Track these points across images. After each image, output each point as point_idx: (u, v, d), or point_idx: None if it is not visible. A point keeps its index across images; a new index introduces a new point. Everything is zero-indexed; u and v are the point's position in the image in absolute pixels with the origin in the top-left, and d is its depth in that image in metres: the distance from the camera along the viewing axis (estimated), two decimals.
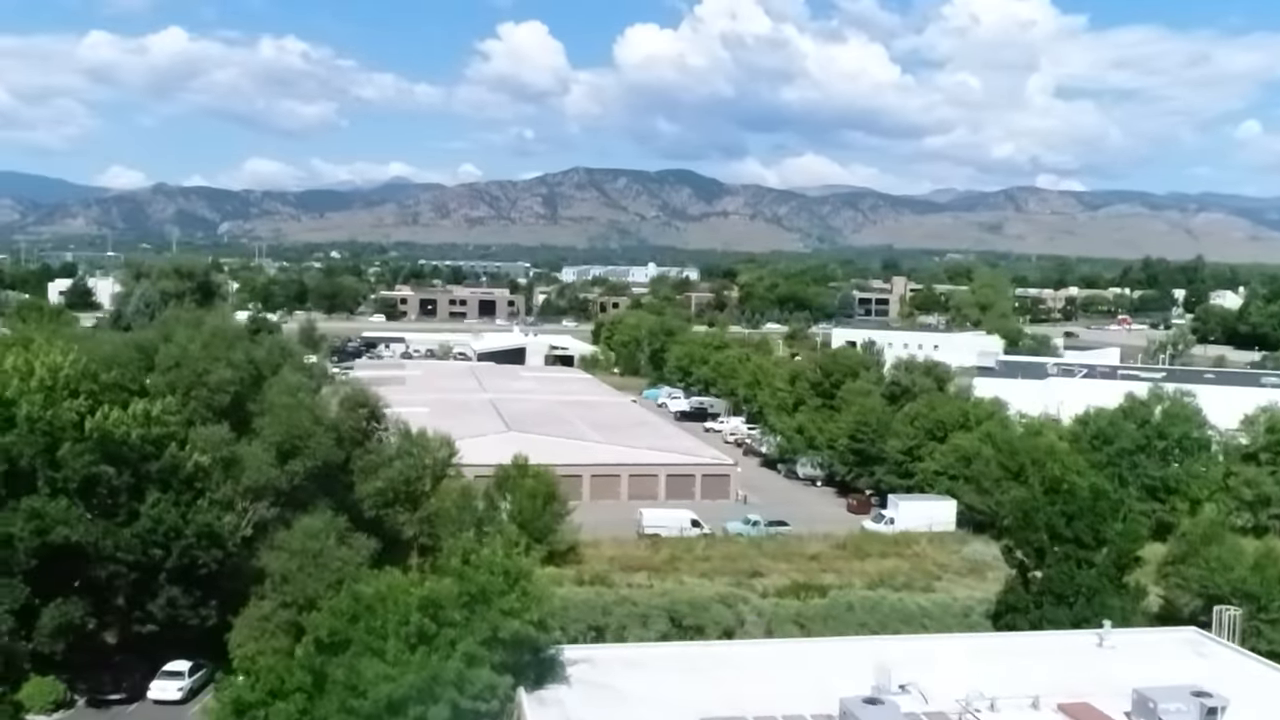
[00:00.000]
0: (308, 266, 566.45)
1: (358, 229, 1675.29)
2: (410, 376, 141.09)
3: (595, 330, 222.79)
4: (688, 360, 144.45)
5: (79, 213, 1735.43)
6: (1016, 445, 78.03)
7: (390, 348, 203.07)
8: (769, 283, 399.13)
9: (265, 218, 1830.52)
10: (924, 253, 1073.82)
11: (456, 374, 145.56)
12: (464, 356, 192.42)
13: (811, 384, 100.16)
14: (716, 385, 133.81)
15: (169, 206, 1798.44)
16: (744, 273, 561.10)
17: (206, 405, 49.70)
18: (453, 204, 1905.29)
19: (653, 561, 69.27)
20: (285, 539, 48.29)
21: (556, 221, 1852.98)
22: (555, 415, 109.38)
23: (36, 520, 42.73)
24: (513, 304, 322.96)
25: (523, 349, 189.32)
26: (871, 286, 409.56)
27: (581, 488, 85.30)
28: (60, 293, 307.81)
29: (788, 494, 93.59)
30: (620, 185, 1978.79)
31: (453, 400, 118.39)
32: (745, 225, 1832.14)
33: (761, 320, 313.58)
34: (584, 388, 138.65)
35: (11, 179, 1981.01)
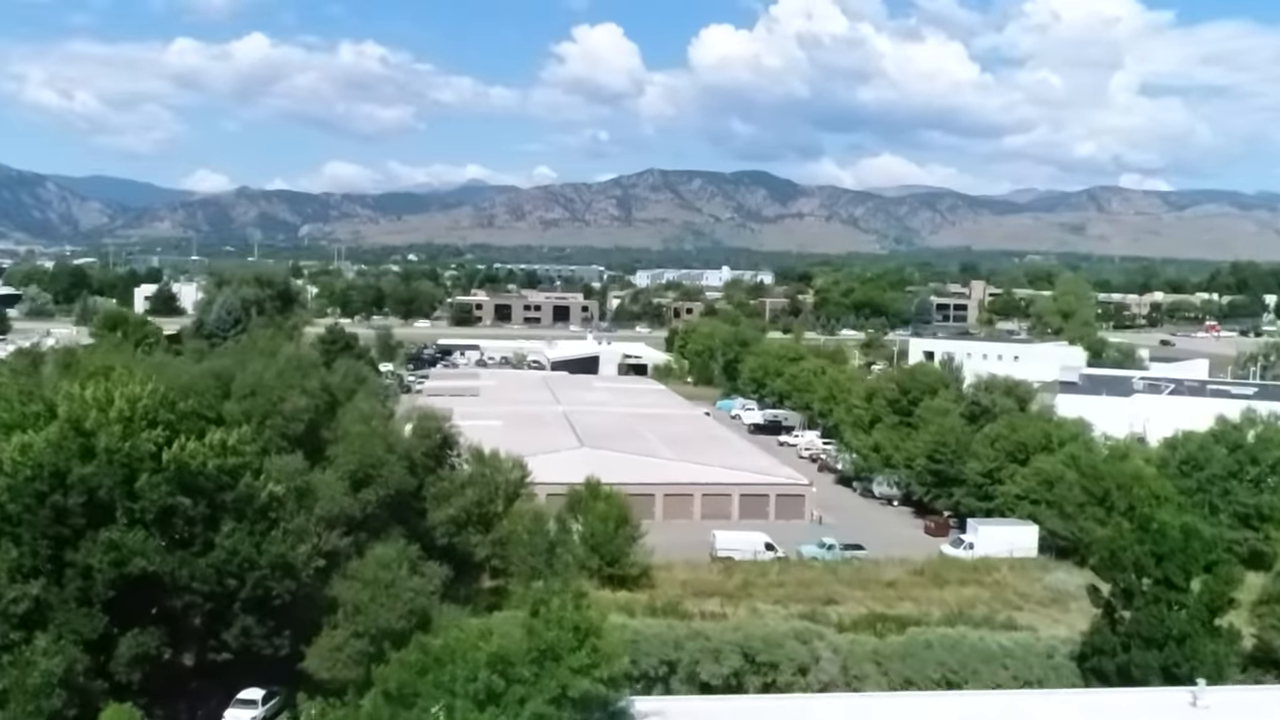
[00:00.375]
0: (385, 270, 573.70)
1: (434, 231, 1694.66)
2: (484, 387, 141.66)
3: (669, 338, 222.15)
4: (762, 372, 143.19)
5: (165, 216, 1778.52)
6: (1101, 470, 75.77)
7: (465, 355, 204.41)
8: (844, 287, 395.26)
9: (344, 220, 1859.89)
10: (1003, 254, 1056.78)
11: (530, 385, 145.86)
12: (538, 365, 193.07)
13: (888, 401, 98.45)
14: (791, 398, 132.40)
15: (251, 209, 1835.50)
16: (819, 276, 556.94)
17: (281, 434, 49.94)
18: (528, 206, 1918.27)
19: (726, 587, 68.44)
20: (358, 569, 48.31)
21: (631, 223, 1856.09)
22: (628, 429, 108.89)
23: (115, 552, 43.15)
24: (586, 309, 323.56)
25: (596, 358, 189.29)
26: (949, 291, 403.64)
27: (654, 507, 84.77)
28: (146, 298, 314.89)
29: (863, 514, 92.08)
30: (695, 187, 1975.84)
31: (526, 413, 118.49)
32: (821, 227, 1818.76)
33: (837, 326, 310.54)
34: (657, 399, 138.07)
35: (102, 183, 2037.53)
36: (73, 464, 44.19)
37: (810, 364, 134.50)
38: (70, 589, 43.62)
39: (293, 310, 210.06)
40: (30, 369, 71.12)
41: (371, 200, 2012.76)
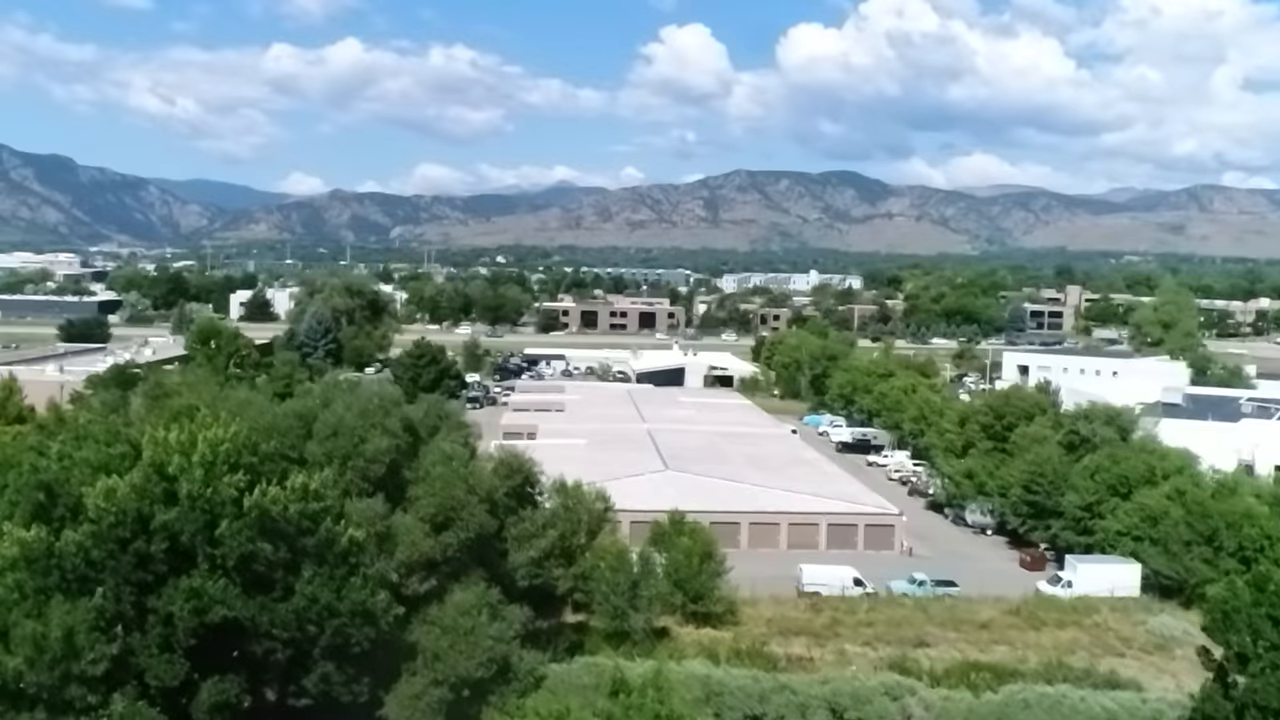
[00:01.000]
0: (474, 274, 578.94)
1: (523, 232, 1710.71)
2: (569, 401, 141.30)
3: (755, 348, 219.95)
4: (850, 388, 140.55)
5: (261, 218, 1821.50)
6: (1208, 507, 72.33)
7: (551, 365, 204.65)
8: (935, 293, 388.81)
9: (435, 222, 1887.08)
10: (1100, 255, 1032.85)
11: (615, 399, 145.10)
12: (623, 376, 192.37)
13: (982, 426, 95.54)
14: (881, 416, 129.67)
15: (344, 212, 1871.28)
16: (909, 280, 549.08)
17: (362, 475, 49.48)
18: (615, 207, 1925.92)
19: (813, 625, 66.68)
20: (437, 614, 47.67)
21: (718, 224, 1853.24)
22: (713, 450, 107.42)
23: (196, 600, 42.96)
24: (672, 316, 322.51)
25: (682, 369, 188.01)
26: (1043, 297, 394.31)
27: (739, 535, 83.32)
28: (241, 304, 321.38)
29: (955, 545, 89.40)
30: (782, 187, 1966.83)
31: (611, 430, 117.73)
32: (910, 227, 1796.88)
33: (927, 335, 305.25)
34: (743, 416, 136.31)
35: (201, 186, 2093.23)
36: (156, 509, 44.19)
37: (900, 381, 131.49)
38: (152, 635, 43.58)
39: (382, 319, 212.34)
40: (120, 400, 72.02)
41: (461, 202, 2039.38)
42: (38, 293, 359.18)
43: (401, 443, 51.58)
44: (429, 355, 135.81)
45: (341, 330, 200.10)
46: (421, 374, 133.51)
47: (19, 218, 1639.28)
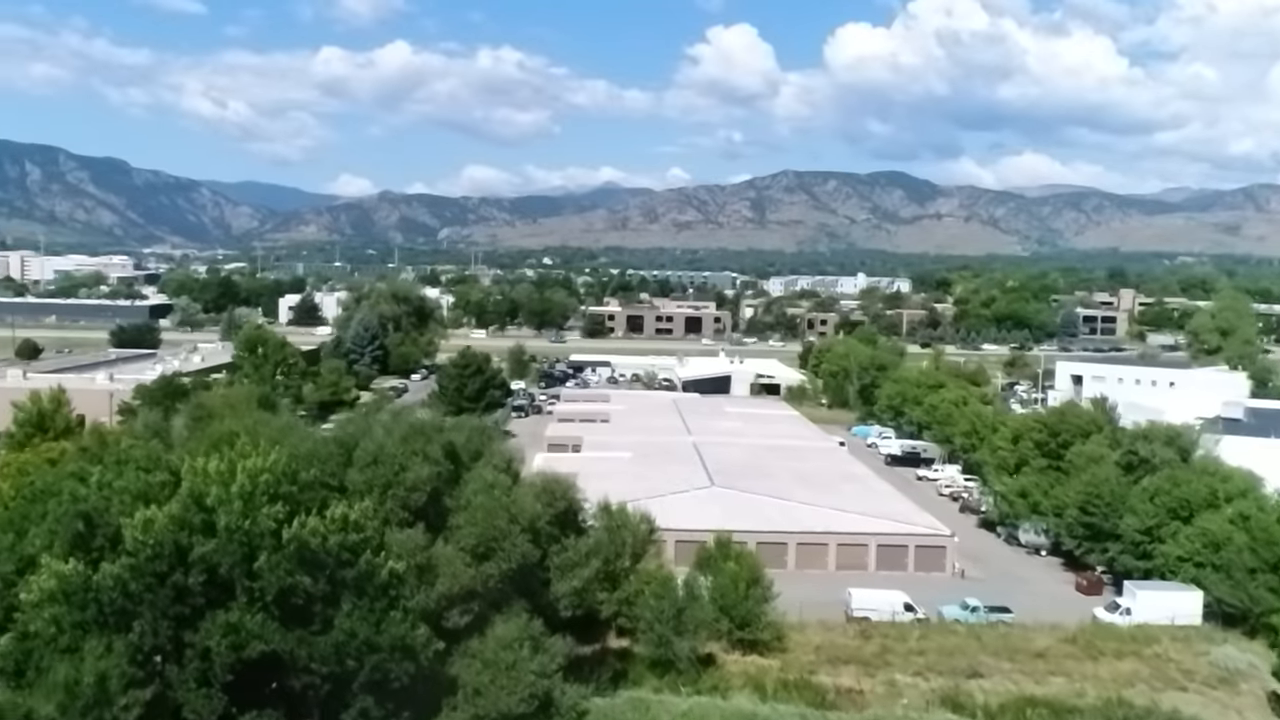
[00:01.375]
0: (520, 277, 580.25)
1: (569, 234, 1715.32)
2: (614, 411, 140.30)
3: (803, 355, 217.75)
4: (900, 399, 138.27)
5: (311, 220, 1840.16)
6: (1274, 533, 69.83)
7: (596, 372, 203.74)
8: (984, 297, 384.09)
9: (482, 224, 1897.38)
10: (1153, 256, 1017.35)
11: (660, 408, 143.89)
12: (668, 383, 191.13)
13: (1036, 444, 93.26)
14: (931, 429, 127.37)
15: (393, 213, 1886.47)
16: (958, 282, 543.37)
17: (403, 504, 48.65)
18: (661, 208, 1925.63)
19: (862, 654, 65.08)
20: (478, 648, 46.76)
21: (764, 225, 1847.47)
22: (760, 465, 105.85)
23: (234, 635, 42.31)
24: (719, 320, 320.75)
25: (728, 377, 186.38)
26: (1096, 301, 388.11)
27: (786, 556, 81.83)
28: (290, 308, 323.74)
29: (1008, 567, 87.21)
30: (830, 188, 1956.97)
31: (655, 443, 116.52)
32: (960, 228, 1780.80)
33: (977, 340, 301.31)
34: (790, 428, 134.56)
35: (252, 188, 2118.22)
36: (194, 541, 43.61)
37: (951, 393, 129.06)
38: (190, 670, 42.96)
39: (428, 326, 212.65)
40: (162, 420, 71.87)
41: (508, 203, 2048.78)
42: (91, 296, 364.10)
43: (443, 470, 50.71)
44: (474, 365, 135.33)
45: (388, 337, 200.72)
46: (466, 384, 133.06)
47: (75, 219, 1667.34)
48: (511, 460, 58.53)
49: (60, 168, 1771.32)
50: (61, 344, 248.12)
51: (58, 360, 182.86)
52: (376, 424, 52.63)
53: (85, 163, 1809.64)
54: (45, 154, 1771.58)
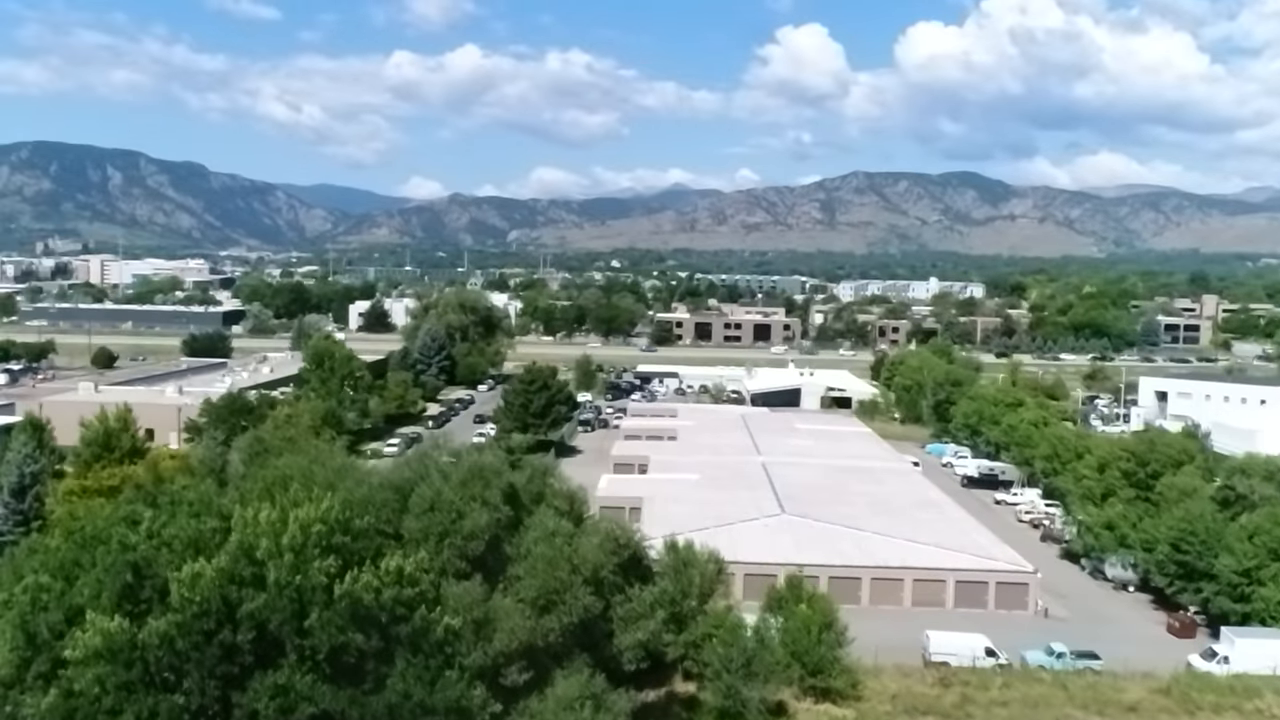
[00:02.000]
0: (587, 281, 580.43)
1: (637, 236, 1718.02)
2: (682, 428, 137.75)
3: (874, 367, 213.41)
4: (977, 418, 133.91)
5: (383, 222, 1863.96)
6: None
7: (664, 384, 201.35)
8: (1061, 303, 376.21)
9: (551, 226, 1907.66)
10: (1235, 258, 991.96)
11: (728, 425, 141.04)
12: (737, 396, 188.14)
13: (1124, 473, 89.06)
14: (1010, 451, 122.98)
15: (463, 216, 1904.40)
16: (1033, 287, 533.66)
17: (460, 554, 46.55)
18: (730, 210, 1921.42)
19: (942, 704, 61.81)
20: (537, 708, 44.49)
21: (834, 227, 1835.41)
22: (832, 489, 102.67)
23: (282, 696, 40.53)
24: (788, 328, 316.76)
25: (798, 390, 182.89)
26: (1177, 309, 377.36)
27: (860, 591, 78.71)
28: (360, 314, 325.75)
29: (1095, 605, 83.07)
30: (900, 189, 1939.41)
31: (724, 464, 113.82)
32: (1033, 229, 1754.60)
33: (1054, 349, 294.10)
34: (863, 447, 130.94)
35: (326, 191, 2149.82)
36: (244, 595, 41.93)
37: (1031, 413, 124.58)
38: None
39: (495, 336, 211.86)
40: (223, 446, 70.77)
41: (577, 206, 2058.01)
42: (166, 302, 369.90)
43: (502, 516, 48.52)
44: (540, 380, 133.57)
45: (455, 347, 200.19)
46: (532, 400, 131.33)
47: (155, 223, 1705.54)
48: (575, 499, 56.23)
49: (141, 172, 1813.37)
50: (136, 351, 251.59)
51: (130, 370, 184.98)
52: (433, 466, 50.57)
53: (165, 167, 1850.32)
54: (127, 158, 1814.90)
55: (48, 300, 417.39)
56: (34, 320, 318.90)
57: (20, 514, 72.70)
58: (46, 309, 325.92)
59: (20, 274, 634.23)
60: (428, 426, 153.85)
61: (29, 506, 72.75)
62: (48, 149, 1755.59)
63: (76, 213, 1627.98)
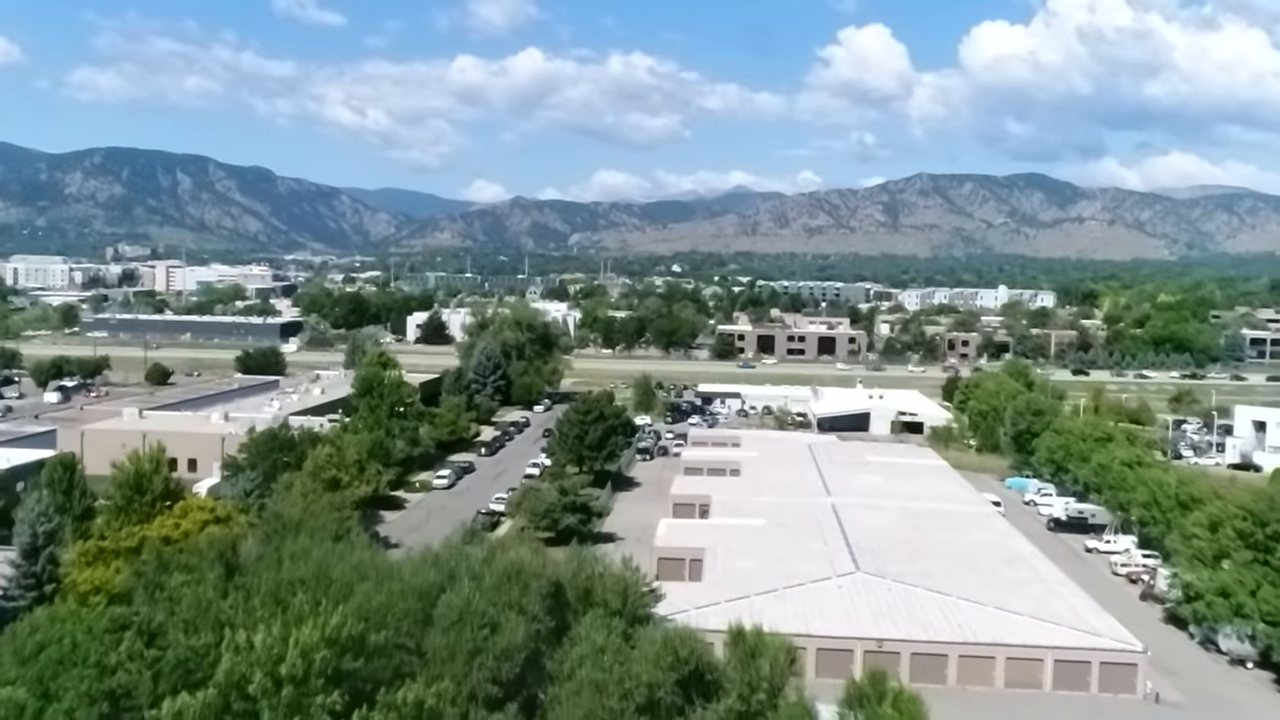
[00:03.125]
0: (648, 289, 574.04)
1: (699, 239, 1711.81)
2: (746, 461, 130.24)
3: (946, 388, 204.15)
4: (1062, 453, 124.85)
5: (446, 226, 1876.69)
6: None
7: (726, 405, 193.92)
8: (1137, 314, 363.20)
9: (612, 229, 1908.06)
10: None
11: (795, 457, 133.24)
12: (802, 419, 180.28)
13: (1238, 532, 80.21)
14: (1101, 493, 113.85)
15: (525, 219, 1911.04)
16: (1106, 295, 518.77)
17: (492, 677, 39.86)
18: (792, 213, 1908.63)
19: None
20: None
21: (898, 230, 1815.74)
22: (910, 541, 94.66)
23: None
24: (853, 341, 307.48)
25: (866, 414, 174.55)
26: (1261, 320, 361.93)
27: (946, 669, 70.80)
28: (418, 326, 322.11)
29: (1210, 684, 74.23)
30: (966, 191, 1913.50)
31: (791, 506, 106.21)
32: (1103, 231, 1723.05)
33: (1133, 364, 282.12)
34: (939, 483, 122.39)
35: (390, 195, 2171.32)
36: None
37: (1123, 452, 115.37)
38: None
39: (552, 353, 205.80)
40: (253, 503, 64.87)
41: (638, 209, 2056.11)
42: (226, 312, 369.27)
43: (543, 627, 41.72)
44: (595, 411, 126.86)
45: (510, 365, 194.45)
46: (588, 431, 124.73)
47: (223, 227, 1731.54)
48: (630, 592, 49.22)
49: (210, 177, 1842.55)
50: (192, 365, 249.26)
51: (181, 389, 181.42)
52: (463, 567, 43.89)
53: (233, 171, 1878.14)
54: (196, 164, 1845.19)
55: (112, 309, 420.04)
56: (95, 331, 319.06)
57: (33, 576, 67.20)
58: (108, 319, 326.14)
59: (88, 280, 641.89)
60: (480, 453, 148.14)
61: (42, 569, 67.27)
62: (120, 155, 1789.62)
63: (147, 217, 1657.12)
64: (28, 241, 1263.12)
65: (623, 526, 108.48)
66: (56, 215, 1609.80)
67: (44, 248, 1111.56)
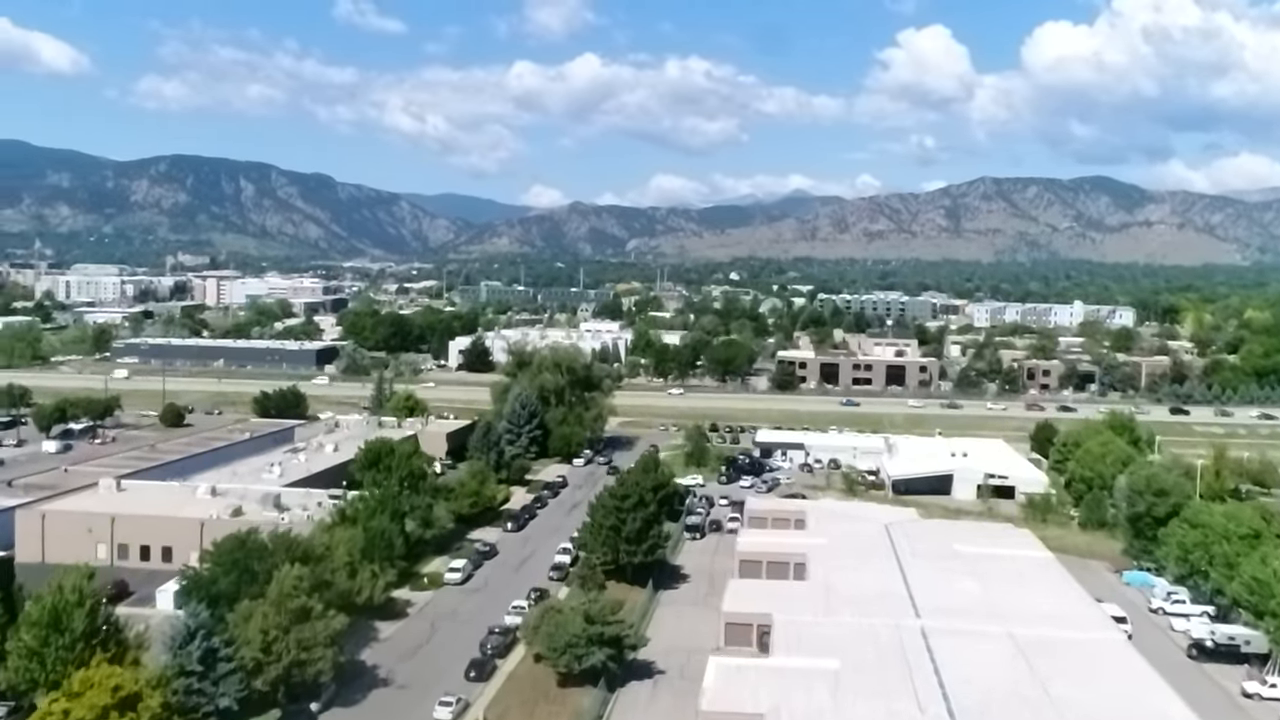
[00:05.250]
0: (704, 304, 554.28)
1: (757, 244, 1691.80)
2: (812, 551, 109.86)
3: (1036, 438, 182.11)
4: (1201, 553, 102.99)
5: (504, 232, 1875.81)
6: None
7: (788, 459, 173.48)
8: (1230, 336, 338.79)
9: (670, 234, 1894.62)
10: None
11: (872, 549, 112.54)
12: (874, 479, 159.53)
13: None
14: (1260, 618, 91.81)
15: (583, 225, 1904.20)
16: (1187, 310, 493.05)
17: None
18: (851, 218, 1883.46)
19: None
20: None
21: (960, 234, 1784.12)
22: (1027, 699, 74.17)
23: None
24: (924, 370, 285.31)
25: (949, 476, 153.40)
26: None
27: None
28: (460, 351, 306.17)
29: None
30: (1030, 194, 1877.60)
31: (871, 635, 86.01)
32: (1171, 236, 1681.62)
33: (1234, 399, 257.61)
34: (1048, 591, 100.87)
35: (449, 200, 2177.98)
36: None
37: (1277, 558, 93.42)
38: None
39: (595, 398, 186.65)
40: None
41: (696, 214, 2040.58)
42: (264, 334, 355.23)
43: None
44: (636, 495, 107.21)
45: (549, 412, 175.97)
46: (625, 520, 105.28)
47: (284, 233, 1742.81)
48: None
49: (272, 184, 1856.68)
50: (216, 400, 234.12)
51: (183, 443, 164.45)
52: None
53: (294, 178, 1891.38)
54: (259, 171, 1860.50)
55: (155, 326, 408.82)
56: (126, 357, 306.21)
57: None
58: (139, 345, 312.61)
59: (139, 293, 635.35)
60: (506, 528, 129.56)
61: None
62: (185, 162, 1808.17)
63: (210, 224, 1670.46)
64: (94, 249, 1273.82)
65: (664, 651, 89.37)
66: (123, 222, 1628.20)
67: (109, 255, 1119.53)
